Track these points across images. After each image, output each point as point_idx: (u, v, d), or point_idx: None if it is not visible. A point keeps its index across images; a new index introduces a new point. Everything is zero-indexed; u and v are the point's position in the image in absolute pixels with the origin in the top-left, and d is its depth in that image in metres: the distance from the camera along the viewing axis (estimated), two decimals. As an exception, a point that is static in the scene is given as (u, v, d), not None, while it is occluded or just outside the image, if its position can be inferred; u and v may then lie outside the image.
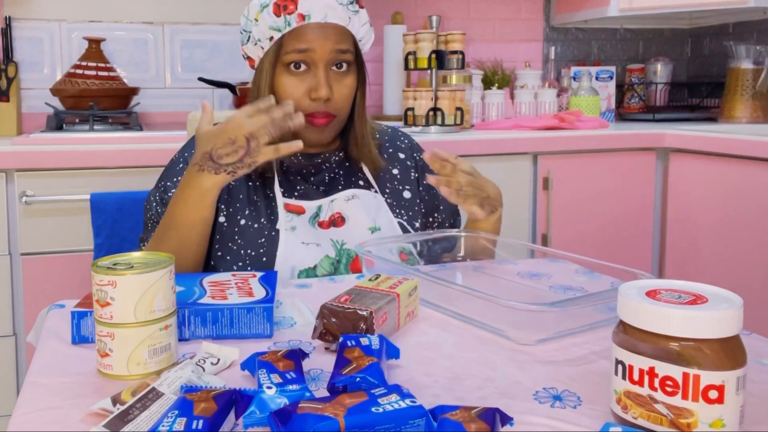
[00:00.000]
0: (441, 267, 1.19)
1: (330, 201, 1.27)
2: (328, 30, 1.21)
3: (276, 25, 1.22)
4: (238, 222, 1.23)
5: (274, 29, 1.22)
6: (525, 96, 2.59)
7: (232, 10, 2.51)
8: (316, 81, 1.21)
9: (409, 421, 0.59)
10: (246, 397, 0.64)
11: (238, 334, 0.85)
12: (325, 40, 1.21)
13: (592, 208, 2.22)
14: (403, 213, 1.31)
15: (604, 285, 1.04)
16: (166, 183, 1.27)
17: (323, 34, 1.21)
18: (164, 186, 1.27)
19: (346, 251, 1.24)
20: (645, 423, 0.61)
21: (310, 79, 1.22)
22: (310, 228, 1.24)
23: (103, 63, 2.24)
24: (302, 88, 1.22)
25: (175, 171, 1.28)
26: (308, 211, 1.25)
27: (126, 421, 0.62)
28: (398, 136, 1.43)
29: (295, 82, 1.22)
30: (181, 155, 1.30)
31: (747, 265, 1.97)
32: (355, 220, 1.26)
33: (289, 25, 1.21)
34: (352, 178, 1.32)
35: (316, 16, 1.20)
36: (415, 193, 1.35)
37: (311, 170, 1.30)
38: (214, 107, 2.52)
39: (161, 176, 1.30)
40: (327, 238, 1.24)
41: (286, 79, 1.23)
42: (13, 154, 1.75)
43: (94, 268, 0.74)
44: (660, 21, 2.99)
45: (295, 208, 1.25)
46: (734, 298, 0.62)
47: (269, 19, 1.22)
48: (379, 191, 1.32)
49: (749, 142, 1.94)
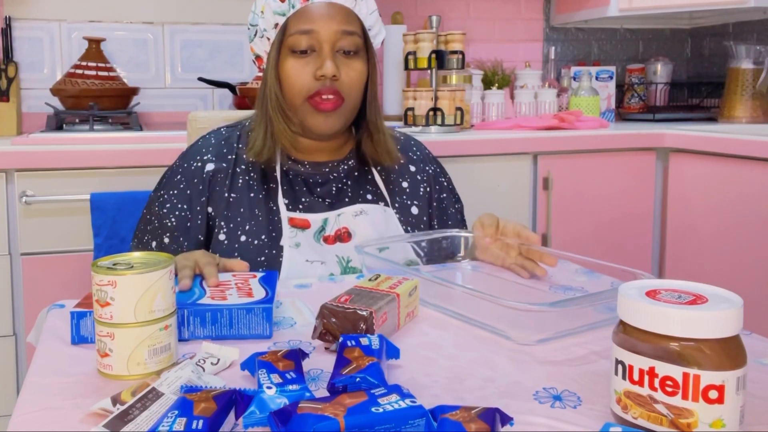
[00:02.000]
0: (441, 267, 1.19)
1: (337, 215, 1.23)
2: (333, 10, 1.19)
3: (280, 9, 1.20)
4: (239, 238, 1.20)
5: (279, 14, 1.20)
6: (525, 96, 2.59)
7: (232, 10, 2.51)
8: (321, 60, 1.18)
9: (409, 421, 0.59)
10: (246, 397, 0.64)
11: (238, 334, 0.85)
12: (330, 20, 1.18)
13: (592, 208, 2.22)
14: (410, 229, 1.28)
15: (604, 285, 1.04)
16: (164, 195, 1.25)
17: (328, 15, 1.18)
18: (162, 198, 1.25)
19: (352, 269, 1.21)
20: (645, 423, 0.61)
21: (315, 60, 1.19)
22: (315, 244, 1.21)
23: (103, 63, 2.24)
24: (307, 70, 1.19)
25: (172, 182, 1.25)
26: (313, 225, 1.21)
27: (126, 421, 0.62)
28: (410, 145, 1.38)
29: (300, 64, 1.19)
30: (180, 165, 1.26)
31: (747, 265, 1.97)
32: (362, 236, 1.22)
33: (293, 7, 1.19)
34: (360, 190, 1.28)
35: None
36: (423, 209, 1.31)
37: (318, 180, 1.26)
38: (214, 107, 2.53)
39: (161, 184, 1.27)
40: (332, 254, 1.20)
41: (290, 62, 1.20)
42: (13, 154, 1.75)
43: (94, 268, 0.74)
44: (660, 21, 2.99)
45: (300, 222, 1.21)
46: (734, 298, 0.62)
47: (274, 4, 1.20)
48: (389, 204, 1.28)
49: (749, 142, 1.94)
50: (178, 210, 1.23)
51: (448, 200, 1.37)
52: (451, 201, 1.38)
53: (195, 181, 1.23)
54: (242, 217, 1.21)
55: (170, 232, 1.23)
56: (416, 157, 1.36)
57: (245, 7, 2.50)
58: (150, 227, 1.25)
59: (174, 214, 1.23)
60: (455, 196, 1.40)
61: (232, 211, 1.22)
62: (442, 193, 1.37)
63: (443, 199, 1.37)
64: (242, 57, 2.54)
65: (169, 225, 1.23)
